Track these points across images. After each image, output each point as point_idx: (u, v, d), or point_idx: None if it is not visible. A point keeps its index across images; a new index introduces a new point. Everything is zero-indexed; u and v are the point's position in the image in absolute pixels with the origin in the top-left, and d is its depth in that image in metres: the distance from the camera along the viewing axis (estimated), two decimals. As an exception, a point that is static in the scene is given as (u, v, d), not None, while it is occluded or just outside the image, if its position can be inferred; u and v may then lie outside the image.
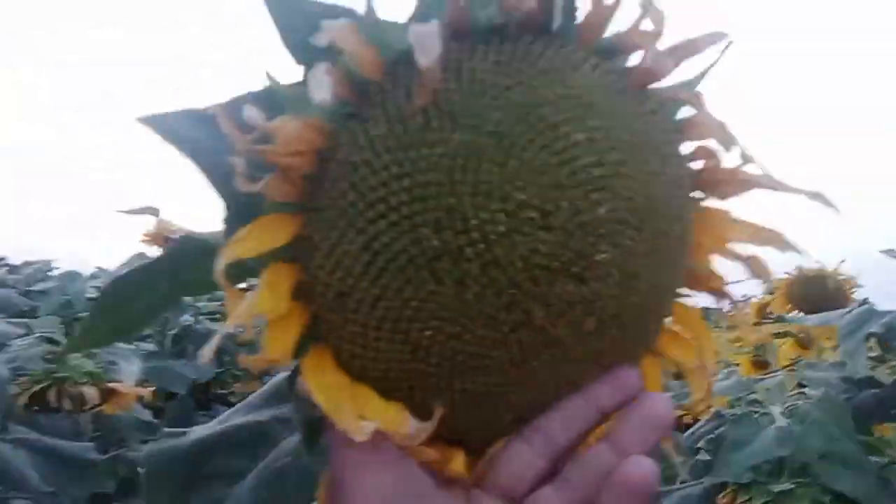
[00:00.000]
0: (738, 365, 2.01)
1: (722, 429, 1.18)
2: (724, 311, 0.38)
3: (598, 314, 0.31)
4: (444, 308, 0.29)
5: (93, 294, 1.87)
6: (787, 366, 1.77)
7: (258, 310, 0.29)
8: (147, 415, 1.38)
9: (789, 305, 1.84)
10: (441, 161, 0.29)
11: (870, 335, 1.17)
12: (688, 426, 1.56)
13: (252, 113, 0.28)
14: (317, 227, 0.31)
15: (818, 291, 1.85)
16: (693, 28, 0.34)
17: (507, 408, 0.33)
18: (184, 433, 0.49)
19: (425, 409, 0.31)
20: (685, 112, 0.35)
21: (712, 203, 0.37)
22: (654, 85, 0.34)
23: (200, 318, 1.85)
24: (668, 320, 0.38)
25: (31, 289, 1.89)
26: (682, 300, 0.38)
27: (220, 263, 0.28)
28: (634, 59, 0.33)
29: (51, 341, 1.25)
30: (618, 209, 0.30)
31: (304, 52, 0.30)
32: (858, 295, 1.80)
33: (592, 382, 0.34)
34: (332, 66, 0.29)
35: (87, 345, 0.38)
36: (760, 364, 1.97)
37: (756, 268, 0.36)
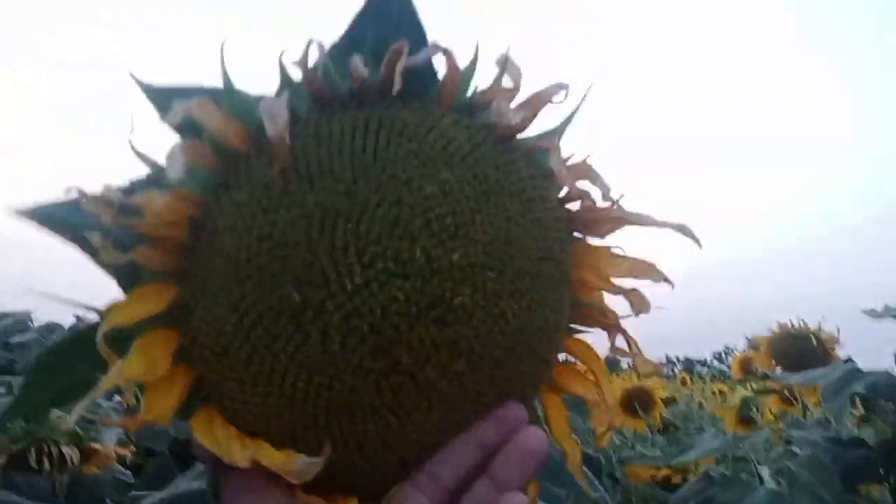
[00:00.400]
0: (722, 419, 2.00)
1: (711, 490, 1.17)
2: (618, 350, 0.40)
3: (467, 355, 0.32)
4: (312, 359, 0.31)
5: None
6: (772, 421, 1.77)
7: (128, 375, 0.30)
8: (126, 473, 1.35)
9: (772, 361, 1.85)
10: (298, 221, 0.31)
11: (854, 395, 1.18)
12: (675, 485, 1.55)
13: (110, 192, 0.30)
14: (191, 293, 0.32)
15: (800, 347, 1.86)
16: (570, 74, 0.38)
17: (393, 451, 0.34)
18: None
19: (313, 455, 0.32)
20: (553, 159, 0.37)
21: (593, 242, 0.39)
22: (522, 136, 0.37)
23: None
24: (562, 356, 0.40)
25: (9, 341, 1.84)
26: (578, 336, 0.40)
27: (100, 333, 0.30)
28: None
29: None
30: (474, 254, 0.32)
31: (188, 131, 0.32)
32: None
33: (475, 421, 0.35)
34: (195, 141, 0.31)
35: (24, 414, 0.38)
36: (745, 420, 1.97)
37: (636, 301, 0.38)
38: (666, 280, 0.38)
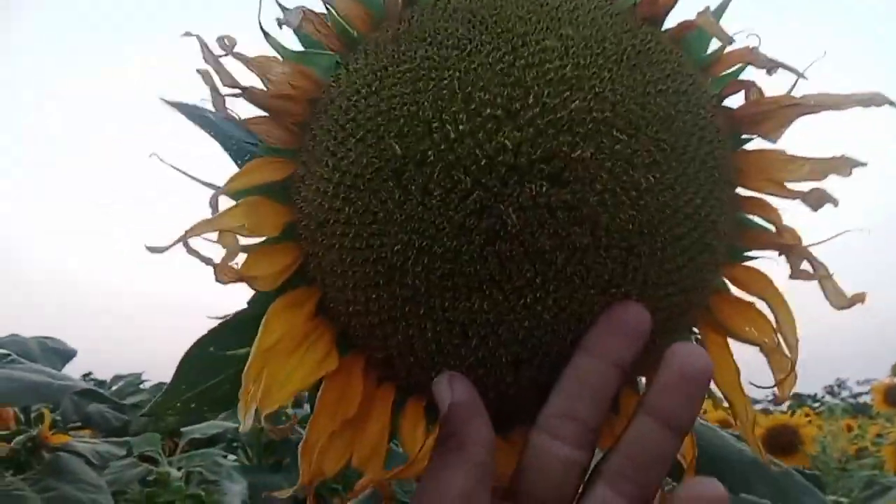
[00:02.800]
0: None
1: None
2: (803, 275, 0.32)
3: (591, 226, 0.28)
4: (411, 219, 0.28)
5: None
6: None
7: (229, 223, 0.30)
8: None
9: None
10: (406, 76, 0.29)
11: None
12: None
13: (225, 41, 0.30)
14: (304, 166, 0.32)
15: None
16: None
17: (503, 345, 0.30)
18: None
19: (412, 347, 0.30)
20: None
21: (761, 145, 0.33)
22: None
23: (294, 426, 1.76)
24: (729, 288, 0.34)
25: (123, 402, 1.84)
26: (747, 263, 0.34)
27: (214, 196, 0.30)
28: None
29: (150, 460, 1.16)
30: (598, 109, 0.28)
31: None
32: None
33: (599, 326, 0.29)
34: (321, 15, 0.31)
35: (170, 409, 0.37)
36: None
37: (819, 198, 0.31)
38: (859, 164, 0.31)
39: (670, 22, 0.33)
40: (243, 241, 0.31)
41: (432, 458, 0.30)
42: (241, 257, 0.31)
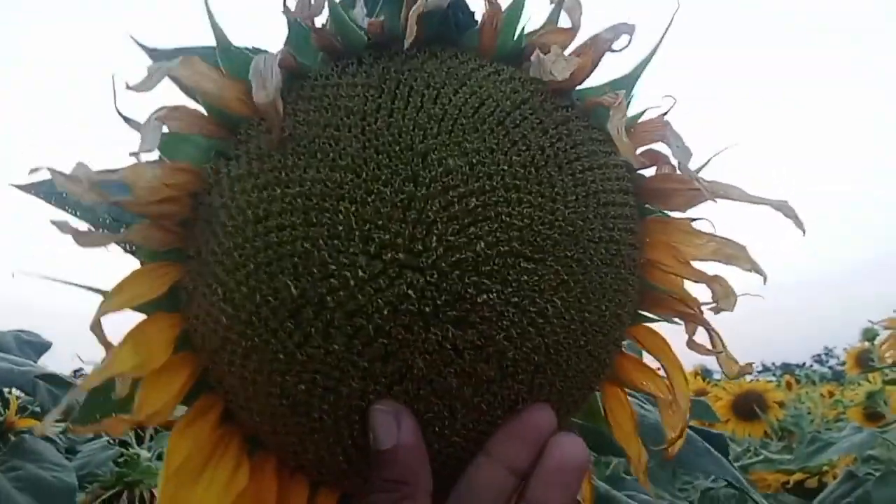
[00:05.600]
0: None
1: (859, 491, 1.04)
2: (697, 345, 0.33)
3: (497, 360, 0.27)
4: (314, 360, 0.27)
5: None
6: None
7: (118, 369, 0.27)
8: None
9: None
10: (295, 202, 0.26)
11: None
12: (813, 491, 1.40)
13: (80, 169, 0.26)
14: (193, 275, 0.29)
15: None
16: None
17: None
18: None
19: (323, 464, 0.29)
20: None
21: (672, 216, 0.33)
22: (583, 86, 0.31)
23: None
24: (627, 345, 0.34)
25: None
26: (647, 325, 0.34)
27: (95, 318, 0.26)
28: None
29: (123, 444, 1.19)
30: (505, 241, 0.27)
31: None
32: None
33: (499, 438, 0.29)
34: (184, 106, 0.28)
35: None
36: (873, 416, 1.81)
37: (721, 291, 0.31)
38: (758, 270, 0.31)
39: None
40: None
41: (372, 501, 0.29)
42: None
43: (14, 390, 1.17)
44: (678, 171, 0.31)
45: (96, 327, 0.26)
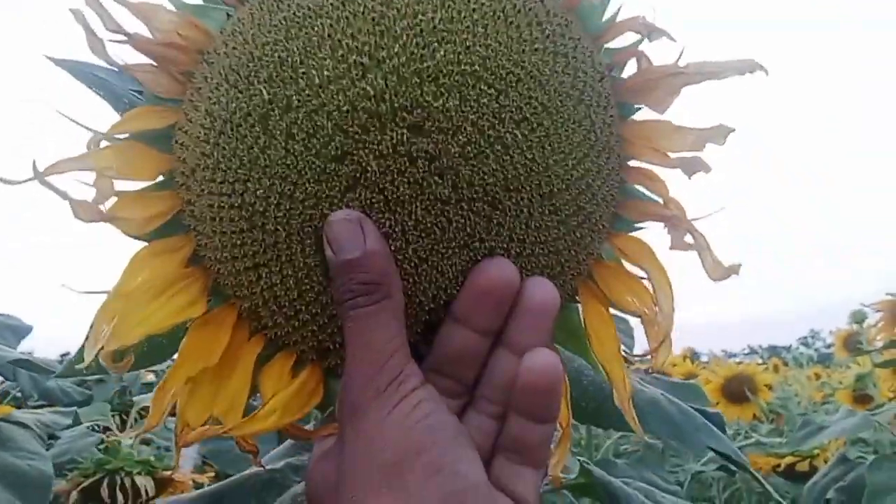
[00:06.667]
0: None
1: (853, 474, 1.03)
2: (682, 244, 0.33)
3: (452, 178, 0.28)
4: (274, 164, 0.29)
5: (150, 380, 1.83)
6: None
7: (102, 162, 0.31)
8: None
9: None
10: (281, 23, 0.29)
11: None
12: (804, 474, 1.40)
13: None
14: (185, 115, 0.31)
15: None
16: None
17: None
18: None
19: (275, 295, 0.31)
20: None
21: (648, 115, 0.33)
22: None
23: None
24: (615, 258, 0.34)
25: (87, 378, 1.83)
26: (630, 234, 0.35)
27: (94, 141, 0.31)
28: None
29: (105, 430, 1.17)
30: (467, 62, 0.28)
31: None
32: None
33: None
34: None
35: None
36: (862, 398, 1.82)
37: (695, 166, 0.32)
38: (731, 130, 0.31)
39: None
40: (121, 186, 0.31)
41: (352, 314, 0.29)
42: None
43: (-10, 376, 1.14)
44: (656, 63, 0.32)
45: (92, 144, 0.30)
